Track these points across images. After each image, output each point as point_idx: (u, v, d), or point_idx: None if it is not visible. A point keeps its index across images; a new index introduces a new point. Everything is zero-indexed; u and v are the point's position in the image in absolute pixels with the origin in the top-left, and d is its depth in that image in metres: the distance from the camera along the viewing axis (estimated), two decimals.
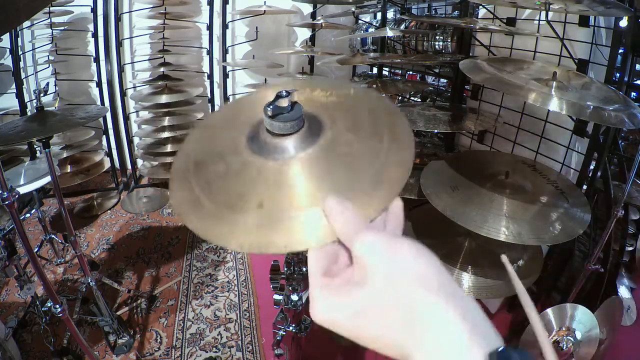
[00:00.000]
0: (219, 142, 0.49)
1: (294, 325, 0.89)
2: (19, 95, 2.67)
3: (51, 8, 2.53)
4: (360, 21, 3.13)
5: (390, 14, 2.75)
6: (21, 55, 2.70)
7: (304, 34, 3.28)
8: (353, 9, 2.90)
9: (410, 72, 2.93)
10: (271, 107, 0.42)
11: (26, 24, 2.63)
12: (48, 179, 1.73)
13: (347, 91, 0.54)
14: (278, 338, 0.90)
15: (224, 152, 0.47)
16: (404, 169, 0.41)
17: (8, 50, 2.61)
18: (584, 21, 1.53)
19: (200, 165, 0.46)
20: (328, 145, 0.44)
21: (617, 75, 1.47)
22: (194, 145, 0.51)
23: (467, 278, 1.52)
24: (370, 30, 2.92)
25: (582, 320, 1.35)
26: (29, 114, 2.45)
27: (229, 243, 0.38)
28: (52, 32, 2.67)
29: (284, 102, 0.42)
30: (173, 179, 0.46)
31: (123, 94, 2.99)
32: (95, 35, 2.78)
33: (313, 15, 2.86)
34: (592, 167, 1.55)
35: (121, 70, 2.91)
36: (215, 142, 0.50)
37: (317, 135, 0.45)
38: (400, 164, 0.42)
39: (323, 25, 2.44)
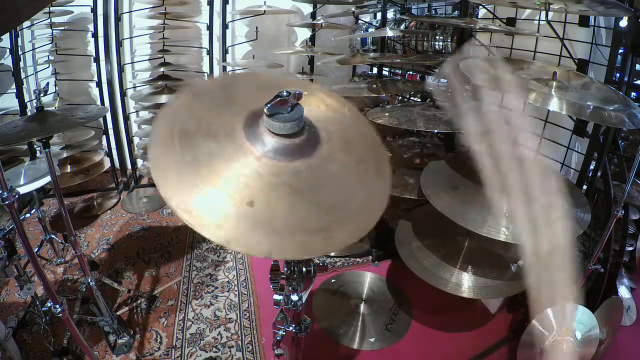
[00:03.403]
0: (213, 120, 0.47)
1: (294, 325, 0.89)
2: (19, 95, 2.67)
3: (51, 8, 2.53)
4: (360, 21, 3.13)
5: (390, 14, 2.75)
6: (21, 55, 2.70)
7: (304, 34, 3.28)
8: (353, 9, 2.90)
9: (410, 72, 2.93)
10: (270, 106, 0.42)
11: (26, 24, 2.63)
12: (48, 179, 1.72)
13: (342, 108, 0.55)
14: (278, 338, 0.90)
15: (218, 132, 0.46)
16: (382, 201, 0.45)
17: (8, 50, 2.61)
18: (584, 21, 1.53)
19: (189, 137, 0.44)
20: (323, 159, 0.45)
21: (617, 75, 1.47)
22: (182, 112, 0.49)
23: (467, 278, 1.52)
24: (370, 30, 2.92)
25: (582, 320, 1.35)
26: (29, 114, 2.45)
27: (215, 235, 0.38)
28: (52, 32, 2.67)
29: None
30: (155, 144, 0.44)
31: (123, 94, 2.99)
32: (95, 35, 2.78)
33: (313, 15, 2.86)
34: (592, 167, 1.55)
35: (121, 70, 2.92)
36: (208, 118, 0.47)
37: (315, 147, 0.45)
38: (380, 196, 0.45)
39: (323, 25, 2.44)
